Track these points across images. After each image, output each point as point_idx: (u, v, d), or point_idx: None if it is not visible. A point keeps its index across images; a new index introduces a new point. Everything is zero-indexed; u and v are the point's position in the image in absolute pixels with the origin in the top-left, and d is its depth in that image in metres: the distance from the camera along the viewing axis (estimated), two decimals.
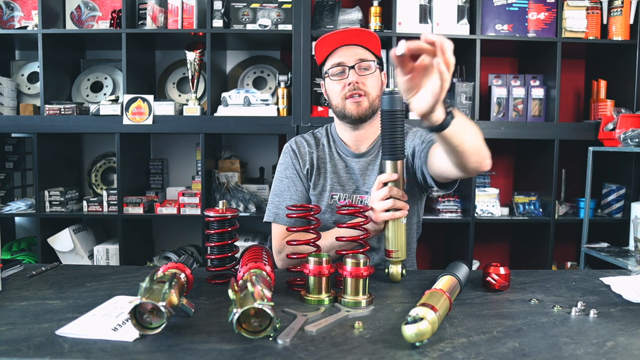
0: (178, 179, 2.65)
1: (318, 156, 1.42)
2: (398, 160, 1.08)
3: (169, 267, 0.93)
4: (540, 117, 2.35)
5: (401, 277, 1.11)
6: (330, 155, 1.42)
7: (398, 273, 1.10)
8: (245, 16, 2.29)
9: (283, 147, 1.49)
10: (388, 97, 1.05)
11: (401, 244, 1.09)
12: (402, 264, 1.11)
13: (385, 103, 1.06)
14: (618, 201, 2.36)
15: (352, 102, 1.32)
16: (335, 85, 1.35)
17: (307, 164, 1.41)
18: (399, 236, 1.09)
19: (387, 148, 1.07)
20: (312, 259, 0.98)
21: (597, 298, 1.02)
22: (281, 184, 1.41)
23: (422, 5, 2.26)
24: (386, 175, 1.08)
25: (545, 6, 2.30)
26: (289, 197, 1.39)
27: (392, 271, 1.10)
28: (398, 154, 1.07)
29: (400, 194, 1.07)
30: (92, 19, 2.39)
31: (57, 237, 2.29)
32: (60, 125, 2.23)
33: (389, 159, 1.08)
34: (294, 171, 1.41)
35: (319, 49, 1.38)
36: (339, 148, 1.43)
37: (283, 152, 1.46)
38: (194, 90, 2.35)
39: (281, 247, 1.33)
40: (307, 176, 1.42)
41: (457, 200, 2.36)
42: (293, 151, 1.43)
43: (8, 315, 0.88)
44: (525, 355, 0.73)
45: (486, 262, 1.14)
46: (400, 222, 1.08)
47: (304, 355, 0.72)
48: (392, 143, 1.06)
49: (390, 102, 1.05)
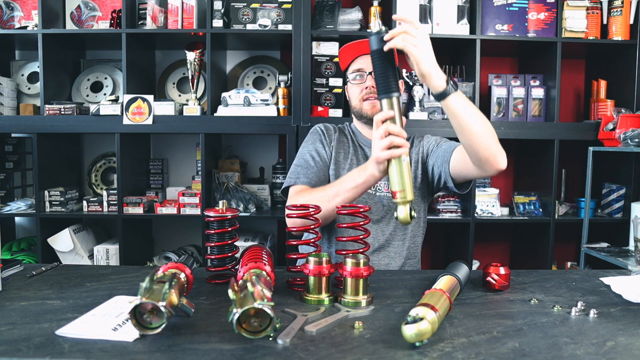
0: (178, 179, 2.65)
1: (341, 140, 1.54)
2: (393, 96, 1.05)
3: (169, 267, 0.93)
4: (540, 117, 2.35)
5: (410, 218, 1.04)
6: (352, 141, 1.54)
7: (407, 215, 1.04)
8: (245, 16, 2.29)
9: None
10: (375, 37, 1.04)
11: (405, 183, 1.03)
12: (410, 205, 1.04)
13: (373, 43, 1.04)
14: (618, 201, 2.36)
15: (368, 103, 1.46)
16: (354, 88, 1.50)
17: (333, 142, 1.52)
18: (402, 174, 1.04)
19: (380, 86, 1.05)
20: (312, 259, 0.98)
21: (597, 298, 1.02)
22: (306, 156, 1.48)
23: (422, 5, 2.26)
24: (382, 113, 1.07)
25: (545, 6, 2.30)
26: (313, 165, 1.44)
27: (399, 214, 1.04)
28: (392, 90, 1.05)
29: (398, 130, 1.05)
30: (92, 19, 2.39)
31: (57, 237, 2.29)
32: (60, 125, 2.23)
33: (384, 97, 1.06)
34: (320, 145, 1.50)
35: (343, 56, 1.53)
36: (358, 139, 1.55)
37: (310, 132, 1.57)
38: (194, 90, 2.35)
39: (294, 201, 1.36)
40: (330, 154, 1.50)
41: (457, 200, 2.36)
42: (321, 130, 1.54)
43: (8, 315, 0.88)
44: (525, 355, 0.73)
45: (486, 262, 1.14)
46: (401, 160, 1.05)
47: (304, 355, 0.72)
48: (385, 80, 1.04)
49: (377, 41, 1.04)
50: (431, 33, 2.26)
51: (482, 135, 1.15)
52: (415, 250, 1.51)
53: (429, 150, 1.47)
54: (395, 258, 1.45)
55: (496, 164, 1.19)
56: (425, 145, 1.48)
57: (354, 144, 1.53)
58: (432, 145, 1.46)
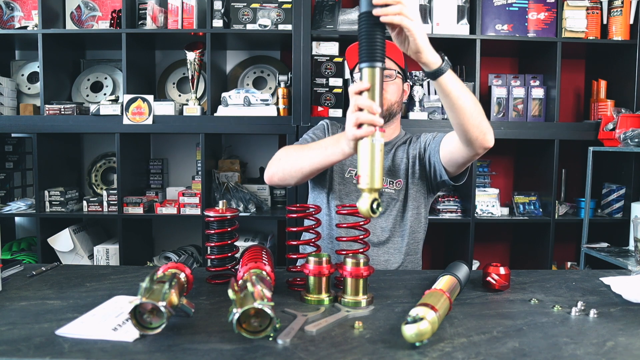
0: (178, 179, 2.65)
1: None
2: (376, 66, 0.89)
3: (169, 267, 0.93)
4: (540, 117, 2.35)
5: (372, 211, 0.87)
6: None
7: (368, 206, 0.87)
8: (245, 16, 2.29)
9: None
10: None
11: (372, 168, 0.87)
12: (375, 195, 0.88)
13: (362, 4, 0.91)
14: (618, 201, 2.36)
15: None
16: None
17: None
18: (371, 157, 0.88)
19: (364, 53, 0.90)
20: (312, 259, 0.98)
21: (597, 298, 1.02)
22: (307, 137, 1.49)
23: (422, 5, 2.26)
24: (357, 84, 0.92)
25: (545, 6, 2.30)
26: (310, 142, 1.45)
27: (361, 204, 0.88)
28: (376, 59, 0.89)
29: (368, 104, 0.90)
30: (92, 19, 2.39)
31: (57, 237, 2.29)
32: (60, 125, 2.23)
33: (366, 65, 0.90)
34: (321, 134, 1.51)
35: (349, 56, 1.52)
36: None
37: (316, 126, 1.58)
38: (194, 90, 2.35)
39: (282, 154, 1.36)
40: None
41: (457, 200, 2.36)
42: (326, 123, 1.56)
43: (8, 315, 0.88)
44: (525, 355, 0.73)
45: (486, 262, 1.14)
46: (372, 141, 0.88)
47: (304, 355, 0.72)
48: (371, 46, 0.89)
49: (367, 2, 0.91)
50: (431, 33, 2.26)
51: (472, 114, 1.14)
52: (416, 246, 1.51)
53: (426, 144, 1.46)
54: (394, 254, 1.45)
55: (485, 142, 1.19)
56: (423, 140, 1.48)
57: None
58: (429, 138, 1.46)
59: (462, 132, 1.18)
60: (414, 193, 1.48)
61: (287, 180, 1.30)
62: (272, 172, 1.31)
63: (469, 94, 1.13)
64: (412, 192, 1.48)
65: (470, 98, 1.13)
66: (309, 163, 1.23)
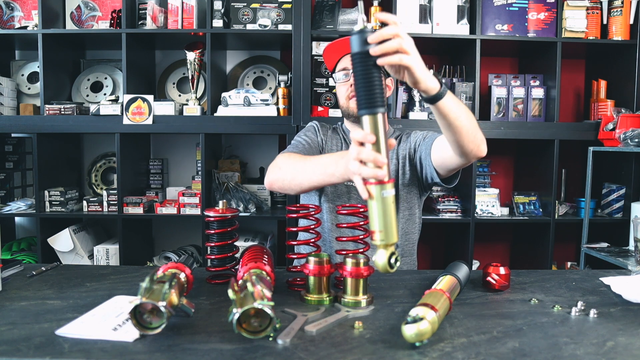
0: (178, 179, 2.65)
1: (334, 137, 1.57)
2: (377, 112, 0.82)
3: (169, 267, 0.93)
4: (540, 117, 2.35)
5: (390, 266, 0.83)
6: (344, 140, 1.56)
7: (386, 261, 0.83)
8: (245, 16, 2.29)
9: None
10: (357, 36, 0.81)
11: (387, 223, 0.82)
12: (393, 249, 0.84)
13: (354, 44, 0.81)
14: (618, 201, 2.36)
15: (354, 101, 1.41)
16: (341, 87, 1.49)
17: (327, 137, 1.56)
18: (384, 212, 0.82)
19: (362, 99, 0.82)
20: (312, 259, 0.98)
21: (597, 298, 1.02)
22: (298, 139, 1.49)
23: (422, 5, 2.26)
24: (361, 134, 0.83)
25: (545, 6, 2.30)
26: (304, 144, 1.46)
27: (378, 259, 0.83)
28: (377, 104, 0.81)
29: (373, 157, 0.82)
30: (92, 19, 2.39)
31: (57, 237, 2.29)
32: (60, 125, 2.23)
33: (366, 112, 0.82)
34: (313, 136, 1.52)
35: (327, 56, 1.51)
36: (349, 137, 1.56)
37: (306, 127, 1.59)
38: (194, 90, 2.35)
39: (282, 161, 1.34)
40: (323, 146, 1.53)
41: (457, 200, 2.36)
42: (316, 125, 1.58)
43: (8, 315, 0.88)
44: (525, 355, 0.73)
45: (486, 262, 1.14)
46: (381, 195, 0.82)
47: (304, 355, 0.72)
48: (368, 91, 0.81)
49: (360, 41, 0.81)
50: (431, 33, 2.26)
51: (469, 130, 1.12)
52: (410, 248, 1.51)
53: (416, 145, 1.44)
54: None
55: (479, 152, 1.17)
56: (413, 140, 1.46)
57: (346, 142, 1.54)
58: (419, 139, 1.44)
59: (457, 147, 1.15)
60: (405, 194, 1.47)
61: (287, 190, 1.29)
62: (271, 180, 1.30)
63: (465, 112, 1.10)
64: (404, 194, 1.47)
65: (467, 115, 1.10)
66: (308, 181, 1.21)
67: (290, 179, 1.24)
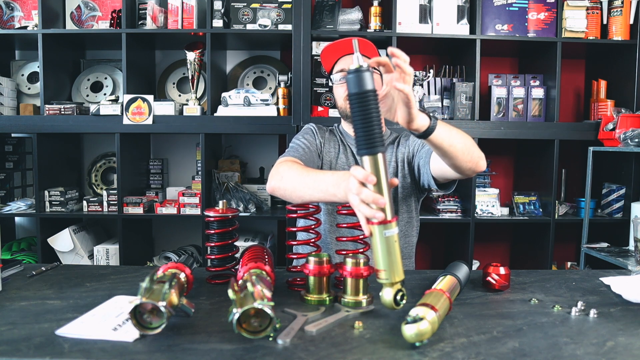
0: (178, 179, 2.66)
1: (332, 139, 1.56)
2: (378, 153, 0.82)
3: (169, 267, 0.93)
4: (540, 117, 2.35)
5: (396, 304, 0.85)
6: (341, 141, 1.56)
7: (392, 299, 0.85)
8: (245, 16, 2.29)
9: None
10: (354, 77, 0.81)
11: (392, 262, 0.84)
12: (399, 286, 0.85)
13: (351, 85, 0.82)
14: (618, 201, 2.36)
15: None
16: (338, 89, 1.50)
17: (324, 139, 1.55)
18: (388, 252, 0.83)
19: (362, 140, 0.82)
20: (312, 259, 0.98)
21: (597, 298, 1.02)
22: (296, 142, 1.48)
23: (422, 5, 2.26)
24: (363, 173, 0.83)
25: (545, 6, 2.30)
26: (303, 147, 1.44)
27: (384, 297, 0.86)
28: (377, 144, 0.82)
29: (373, 199, 0.82)
30: (92, 19, 2.39)
31: (57, 237, 2.29)
32: (60, 125, 2.23)
33: (366, 153, 0.82)
34: (312, 139, 1.51)
35: (325, 58, 1.51)
36: (347, 139, 1.56)
37: (302, 129, 1.58)
38: (194, 90, 2.35)
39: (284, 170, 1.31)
40: (321, 148, 1.52)
41: (457, 200, 2.36)
42: (313, 127, 1.57)
43: (8, 315, 0.88)
44: (525, 355, 0.73)
45: (486, 262, 1.14)
46: (384, 233, 0.83)
47: (304, 355, 0.72)
48: (368, 132, 0.81)
49: (357, 81, 0.81)
50: (431, 33, 2.26)
51: (464, 152, 1.10)
52: (409, 250, 1.51)
53: (414, 150, 1.43)
54: None
55: (478, 167, 1.16)
56: (411, 145, 1.45)
57: (343, 144, 1.54)
58: (418, 145, 1.42)
59: (455, 168, 1.15)
60: (404, 197, 1.47)
61: (288, 199, 1.26)
62: (273, 187, 1.27)
63: (458, 135, 1.08)
64: (403, 197, 1.47)
65: (460, 138, 1.08)
66: (309, 196, 1.18)
67: (291, 190, 1.22)
